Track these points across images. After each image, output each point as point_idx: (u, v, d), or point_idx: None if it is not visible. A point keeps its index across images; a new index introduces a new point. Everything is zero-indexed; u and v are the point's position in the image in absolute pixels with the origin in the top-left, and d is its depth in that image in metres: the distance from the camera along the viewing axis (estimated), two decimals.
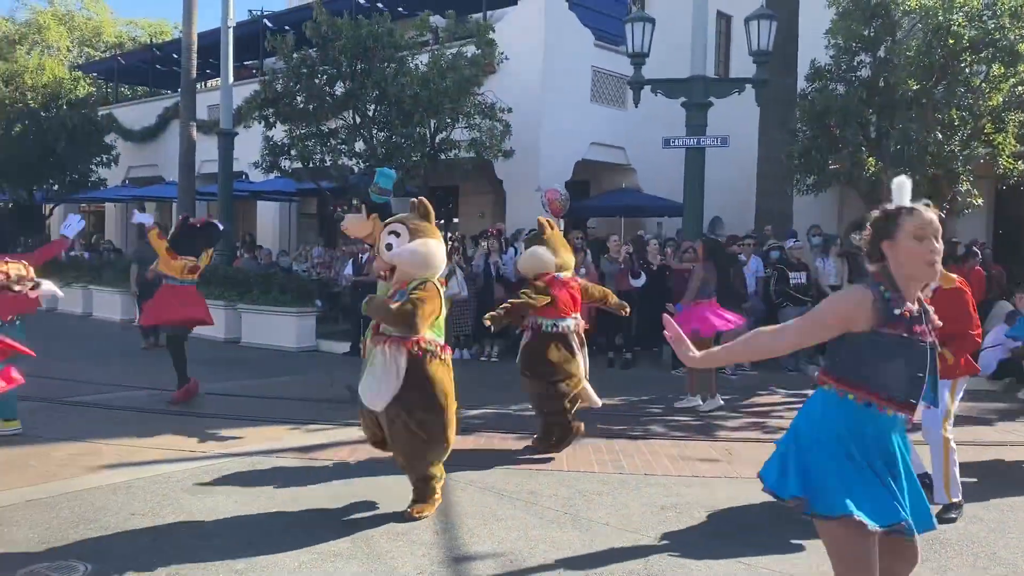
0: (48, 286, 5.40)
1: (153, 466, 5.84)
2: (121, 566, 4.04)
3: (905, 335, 2.70)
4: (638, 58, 11.73)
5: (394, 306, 4.59)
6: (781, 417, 8.12)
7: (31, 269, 5.40)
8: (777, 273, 11.15)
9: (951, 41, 10.76)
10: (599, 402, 6.54)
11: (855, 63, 11.97)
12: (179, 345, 8.30)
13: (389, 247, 4.75)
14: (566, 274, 6.42)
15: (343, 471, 5.85)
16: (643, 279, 10.98)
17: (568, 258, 6.54)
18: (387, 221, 4.90)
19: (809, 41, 14.28)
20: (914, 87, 11.02)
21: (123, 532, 4.52)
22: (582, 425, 6.51)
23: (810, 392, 2.96)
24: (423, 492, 4.94)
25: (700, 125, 11.50)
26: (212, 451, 6.33)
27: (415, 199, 5.06)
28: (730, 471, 6.09)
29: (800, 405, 2.85)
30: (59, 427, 6.89)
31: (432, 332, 4.77)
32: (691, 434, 7.27)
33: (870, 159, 11.65)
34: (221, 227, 8.64)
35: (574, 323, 6.36)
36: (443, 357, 4.83)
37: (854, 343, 2.73)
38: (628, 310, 6.99)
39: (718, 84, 12.42)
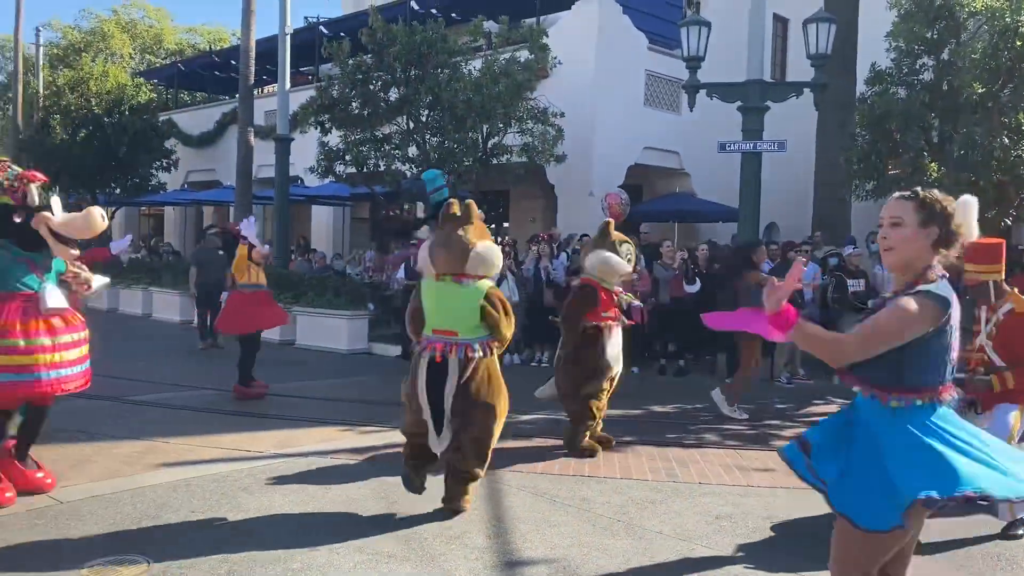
0: (99, 281, 5.49)
1: (211, 465, 5.95)
2: (181, 561, 4.11)
3: None
4: (693, 62, 11.63)
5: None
6: None
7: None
8: (835, 280, 10.94)
9: (1018, 43, 10.47)
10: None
11: (917, 66, 11.71)
12: (249, 346, 8.65)
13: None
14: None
15: (395, 472, 5.87)
16: (698, 285, 10.85)
17: None
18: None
19: (868, 44, 14.03)
20: (979, 90, 10.74)
21: (183, 528, 4.61)
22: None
23: None
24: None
25: (756, 130, 11.35)
26: (268, 451, 6.42)
27: (465, 202, 5.13)
28: (786, 481, 5.96)
29: None
30: (122, 425, 7.07)
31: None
32: (746, 443, 7.16)
33: (932, 164, 11.37)
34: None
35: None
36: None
37: (921, 347, 2.65)
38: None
39: (775, 88, 12.24)
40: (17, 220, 4.85)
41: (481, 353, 4.85)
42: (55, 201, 5.05)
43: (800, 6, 15.83)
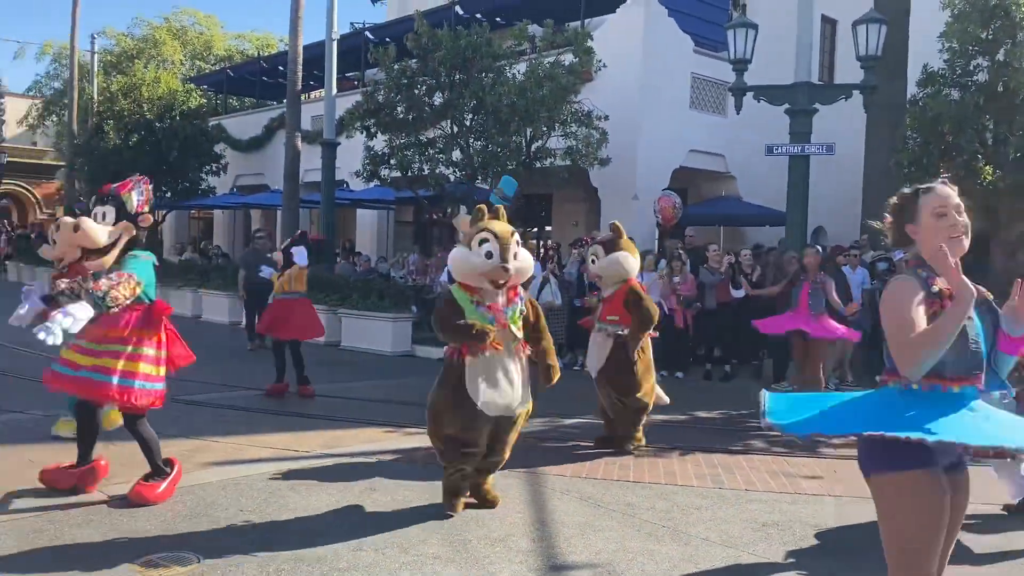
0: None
1: (259, 464, 6.04)
2: (229, 558, 4.18)
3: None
4: (740, 64, 11.51)
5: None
6: None
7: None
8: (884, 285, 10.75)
9: None
10: None
11: (971, 67, 11.48)
12: (281, 350, 8.91)
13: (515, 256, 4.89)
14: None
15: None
16: (744, 290, 10.74)
17: None
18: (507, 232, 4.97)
19: (920, 45, 13.77)
20: None
21: (232, 526, 4.68)
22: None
23: None
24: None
25: (804, 132, 11.20)
26: (315, 451, 6.50)
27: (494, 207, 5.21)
28: (835, 489, 5.88)
29: None
30: (173, 424, 7.17)
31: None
32: (793, 450, 7.05)
33: (987, 167, 11.12)
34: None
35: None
36: None
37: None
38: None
39: (824, 90, 12.07)
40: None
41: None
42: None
43: (849, 7, 15.58)
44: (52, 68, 41.19)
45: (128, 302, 4.80)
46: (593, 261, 6.88)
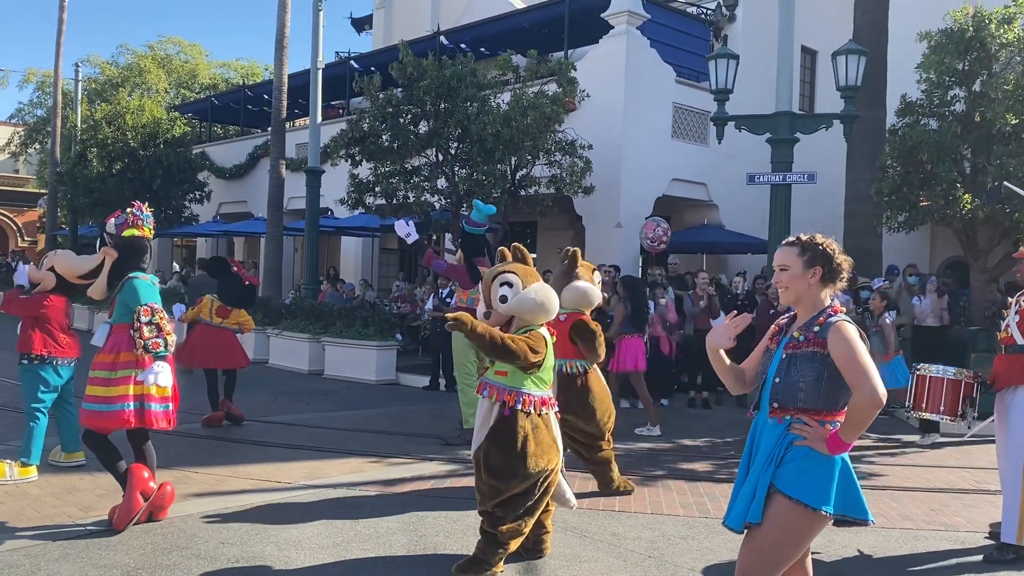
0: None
1: (241, 496, 5.96)
2: None
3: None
4: (722, 94, 11.65)
5: (497, 334, 4.34)
6: (872, 462, 7.82)
7: None
8: (868, 314, 10.88)
9: None
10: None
11: (949, 97, 11.66)
12: (212, 379, 8.87)
13: (504, 299, 4.53)
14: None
15: (424, 505, 5.86)
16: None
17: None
18: (495, 271, 4.67)
19: (898, 75, 13.99)
20: (1013, 121, 10.66)
21: (214, 560, 4.61)
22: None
23: (901, 437, 3.09)
24: (479, 551, 4.49)
25: (786, 161, 11.32)
26: (297, 482, 6.43)
27: (513, 246, 4.92)
28: None
29: (892, 450, 2.76)
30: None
31: (534, 384, 4.52)
32: None
33: (966, 196, 11.26)
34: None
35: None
36: (542, 413, 4.53)
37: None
38: None
39: (804, 120, 12.22)
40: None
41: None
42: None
43: (828, 38, 15.85)
44: (35, 96, 41.18)
45: (171, 335, 5.15)
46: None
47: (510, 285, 4.53)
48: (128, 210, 5.44)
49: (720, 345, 3.25)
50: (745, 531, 3.02)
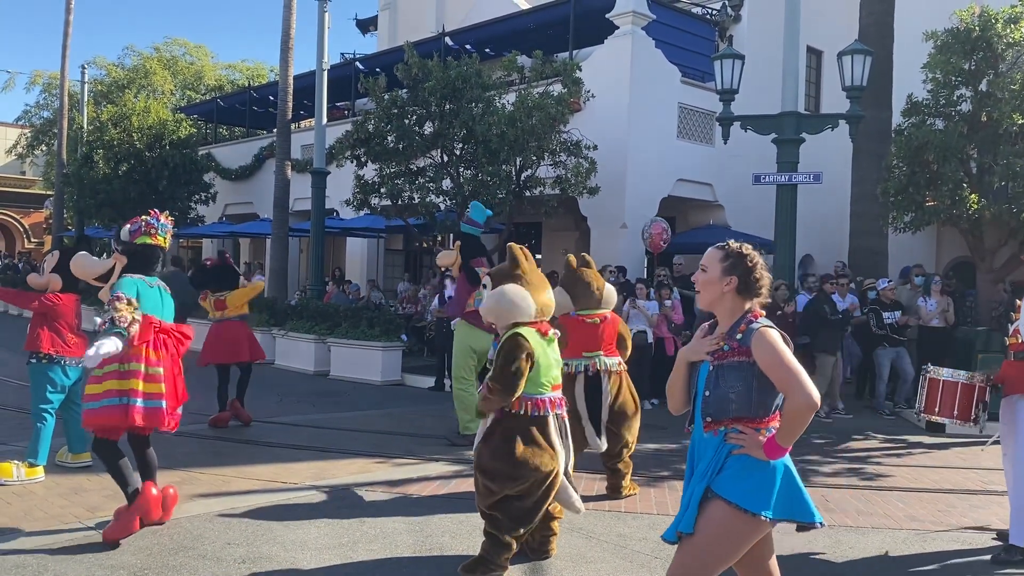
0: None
1: (247, 496, 5.97)
2: None
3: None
4: (727, 94, 11.63)
5: (480, 403, 4.53)
6: (879, 463, 7.80)
7: None
8: (873, 314, 10.90)
9: None
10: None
11: (955, 97, 11.62)
12: (222, 375, 8.88)
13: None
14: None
15: (430, 505, 5.86)
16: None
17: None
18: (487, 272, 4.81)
19: (904, 75, 13.96)
20: (1019, 121, 10.62)
21: (220, 560, 4.62)
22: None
23: (908, 438, 3.00)
24: (484, 552, 4.49)
25: (792, 162, 11.29)
26: (303, 482, 6.43)
27: (508, 246, 4.93)
28: (827, 519, 5.85)
29: (899, 451, 2.73)
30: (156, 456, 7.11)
31: (528, 385, 4.45)
32: None
33: (972, 196, 11.23)
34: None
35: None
36: (537, 415, 4.47)
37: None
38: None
39: (810, 120, 12.19)
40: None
41: None
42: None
43: (834, 38, 15.81)
44: (42, 98, 41.24)
45: (133, 317, 4.90)
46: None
47: (486, 287, 4.74)
48: (143, 217, 5.39)
49: (695, 359, 3.11)
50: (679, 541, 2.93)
